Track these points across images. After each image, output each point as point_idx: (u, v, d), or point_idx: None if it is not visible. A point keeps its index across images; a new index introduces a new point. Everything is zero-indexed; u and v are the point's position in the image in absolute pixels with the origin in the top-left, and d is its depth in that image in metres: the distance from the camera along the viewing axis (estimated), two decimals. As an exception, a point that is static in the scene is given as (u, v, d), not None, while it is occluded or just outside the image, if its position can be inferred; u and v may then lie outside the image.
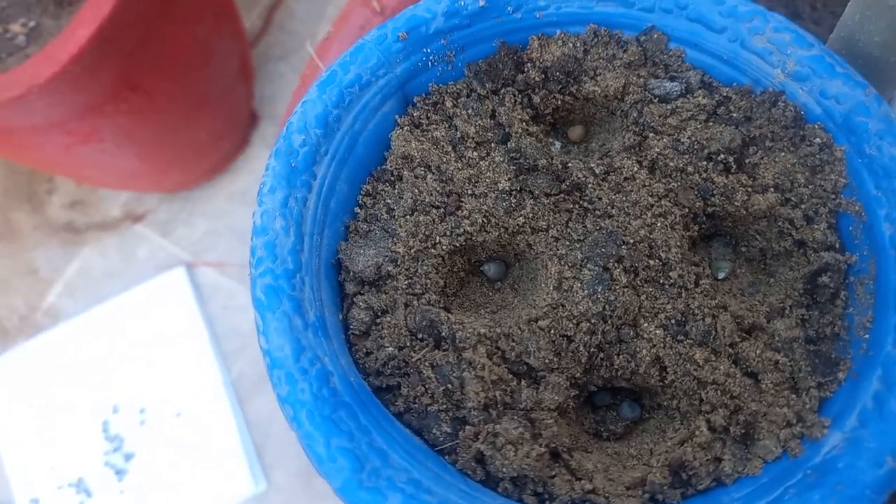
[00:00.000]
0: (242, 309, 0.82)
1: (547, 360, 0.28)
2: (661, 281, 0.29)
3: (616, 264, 0.29)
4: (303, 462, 0.76)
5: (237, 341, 0.80)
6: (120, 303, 0.80)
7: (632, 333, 0.28)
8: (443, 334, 0.28)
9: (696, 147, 0.30)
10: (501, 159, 0.31)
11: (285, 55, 0.88)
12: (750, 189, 0.30)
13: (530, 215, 0.30)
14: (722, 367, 0.28)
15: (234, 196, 0.85)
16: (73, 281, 0.85)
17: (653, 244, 0.29)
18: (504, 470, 0.26)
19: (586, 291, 0.29)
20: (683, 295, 0.29)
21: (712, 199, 0.30)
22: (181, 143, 0.76)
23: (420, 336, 0.28)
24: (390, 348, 0.28)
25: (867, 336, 0.27)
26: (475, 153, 0.31)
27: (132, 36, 0.59)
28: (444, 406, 0.27)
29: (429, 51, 0.32)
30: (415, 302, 0.29)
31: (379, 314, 0.29)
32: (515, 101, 0.32)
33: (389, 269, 0.29)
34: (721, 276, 0.31)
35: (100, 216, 0.87)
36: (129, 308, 0.80)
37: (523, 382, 0.28)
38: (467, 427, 0.27)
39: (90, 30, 0.55)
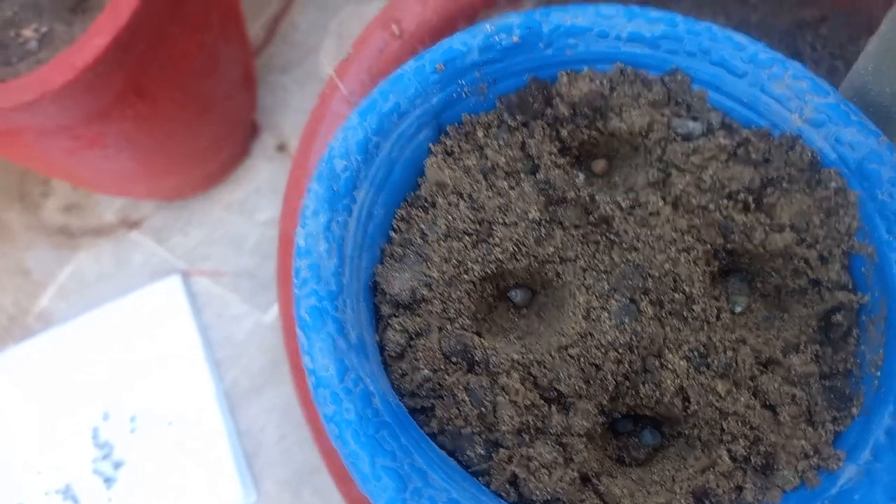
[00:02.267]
0: (236, 318, 0.82)
1: (577, 388, 0.29)
2: (685, 314, 0.30)
3: (643, 296, 0.30)
4: (292, 472, 0.76)
5: (230, 350, 0.80)
6: (113, 309, 0.80)
7: (657, 364, 0.30)
8: (476, 359, 0.29)
9: (717, 185, 0.32)
10: (531, 190, 0.32)
11: (288, 67, 0.89)
12: (768, 228, 0.32)
13: (560, 245, 0.31)
14: (743, 399, 0.29)
15: (231, 205, 0.86)
16: (66, 285, 0.84)
17: (677, 278, 0.31)
18: (537, 493, 0.27)
19: (614, 321, 0.30)
20: (706, 328, 0.30)
21: (732, 236, 0.32)
22: (182, 149, 0.76)
23: (454, 360, 0.29)
24: (425, 371, 0.29)
25: (878, 374, 0.29)
26: (505, 182, 0.33)
27: (144, 42, 0.60)
28: (478, 429, 0.28)
29: (463, 82, 0.33)
30: (448, 326, 0.30)
31: (413, 336, 0.30)
32: (544, 133, 0.34)
33: (424, 292, 0.30)
34: (738, 310, 0.33)
35: (95, 221, 0.86)
36: (122, 314, 0.80)
37: (553, 408, 0.29)
38: (501, 450, 0.28)
39: (107, 39, 0.55)
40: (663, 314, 0.30)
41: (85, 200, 0.87)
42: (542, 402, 0.29)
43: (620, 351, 0.29)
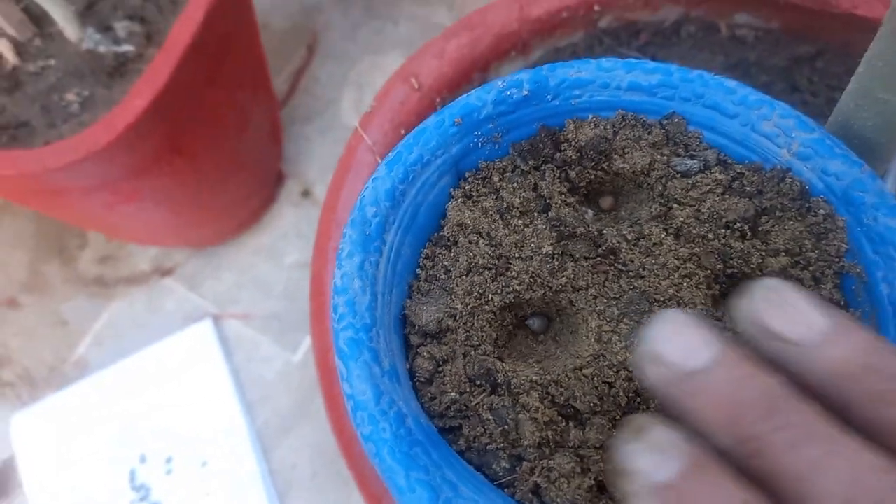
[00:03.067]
0: (266, 360, 0.85)
1: (592, 404, 0.32)
2: (689, 334, 0.33)
3: (649, 320, 0.33)
4: (323, 510, 0.78)
5: (261, 391, 0.83)
6: (147, 354, 0.84)
7: (665, 381, 0.32)
8: (498, 381, 0.32)
9: (715, 216, 0.35)
10: (544, 227, 0.35)
11: (310, 117, 0.94)
12: (764, 253, 0.34)
13: (572, 276, 0.34)
14: (746, 411, 0.32)
15: (260, 250, 0.89)
16: (101, 333, 0.88)
17: (680, 302, 0.33)
18: (558, 501, 0.29)
19: (624, 343, 0.33)
20: (709, 347, 0.33)
21: (731, 261, 0.34)
22: (215, 201, 0.80)
23: (478, 383, 0.32)
24: (452, 394, 0.32)
25: (871, 383, 0.31)
26: (520, 221, 0.36)
27: (181, 104, 0.64)
28: (502, 445, 0.31)
29: (479, 133, 0.37)
30: (472, 352, 0.33)
31: (440, 363, 0.33)
32: (555, 175, 0.37)
33: (449, 323, 0.33)
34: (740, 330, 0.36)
35: (129, 270, 0.90)
36: (156, 359, 0.83)
37: (570, 423, 0.32)
38: (524, 463, 0.30)
39: (146, 101, 0.60)
40: (669, 336, 0.33)
41: (119, 251, 0.91)
42: (560, 418, 0.31)
43: (630, 370, 0.32)
